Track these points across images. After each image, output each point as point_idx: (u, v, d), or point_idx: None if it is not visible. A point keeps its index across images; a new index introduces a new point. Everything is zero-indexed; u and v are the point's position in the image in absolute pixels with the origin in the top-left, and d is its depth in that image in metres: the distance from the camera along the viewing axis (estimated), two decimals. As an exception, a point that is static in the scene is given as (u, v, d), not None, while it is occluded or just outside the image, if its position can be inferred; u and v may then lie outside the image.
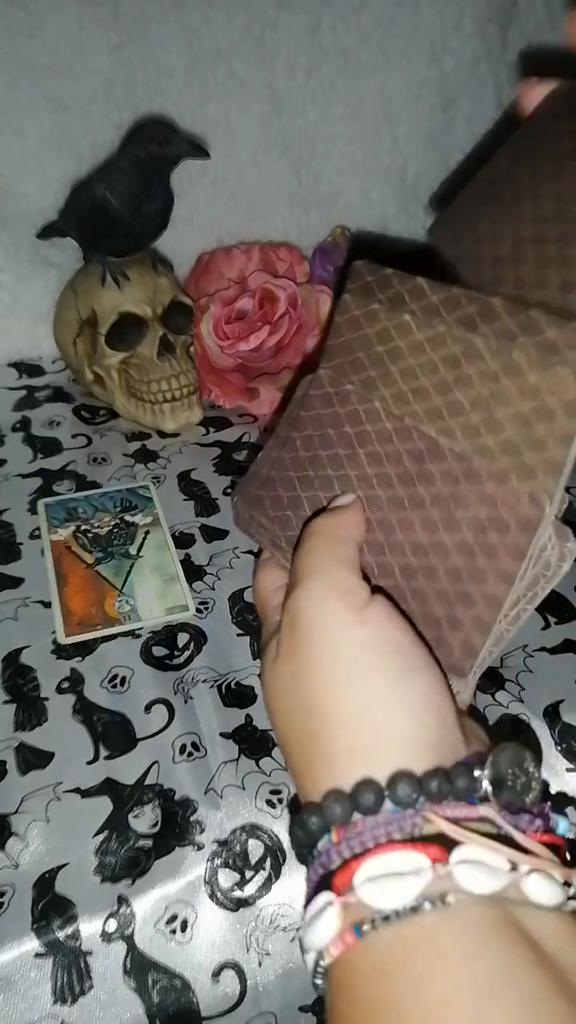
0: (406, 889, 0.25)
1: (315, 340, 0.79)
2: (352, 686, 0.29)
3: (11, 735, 0.50)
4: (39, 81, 0.79)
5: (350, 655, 0.29)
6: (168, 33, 0.82)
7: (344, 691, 0.29)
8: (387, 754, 0.28)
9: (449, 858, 0.25)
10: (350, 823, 0.27)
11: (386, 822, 0.27)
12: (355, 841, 0.27)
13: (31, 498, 0.68)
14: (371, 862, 0.26)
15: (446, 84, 0.92)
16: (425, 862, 0.25)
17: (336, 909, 0.26)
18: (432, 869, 0.25)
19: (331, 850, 0.27)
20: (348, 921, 0.25)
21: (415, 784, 0.27)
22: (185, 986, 0.42)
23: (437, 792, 0.27)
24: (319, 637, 0.30)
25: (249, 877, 0.44)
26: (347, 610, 0.30)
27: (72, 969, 0.41)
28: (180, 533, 0.65)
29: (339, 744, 0.29)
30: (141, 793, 0.46)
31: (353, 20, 0.87)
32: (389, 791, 0.27)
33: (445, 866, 0.25)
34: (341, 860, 0.27)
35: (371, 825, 0.27)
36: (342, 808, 0.27)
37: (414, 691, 0.29)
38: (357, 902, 0.25)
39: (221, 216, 0.90)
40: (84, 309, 0.76)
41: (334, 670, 0.29)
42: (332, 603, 0.30)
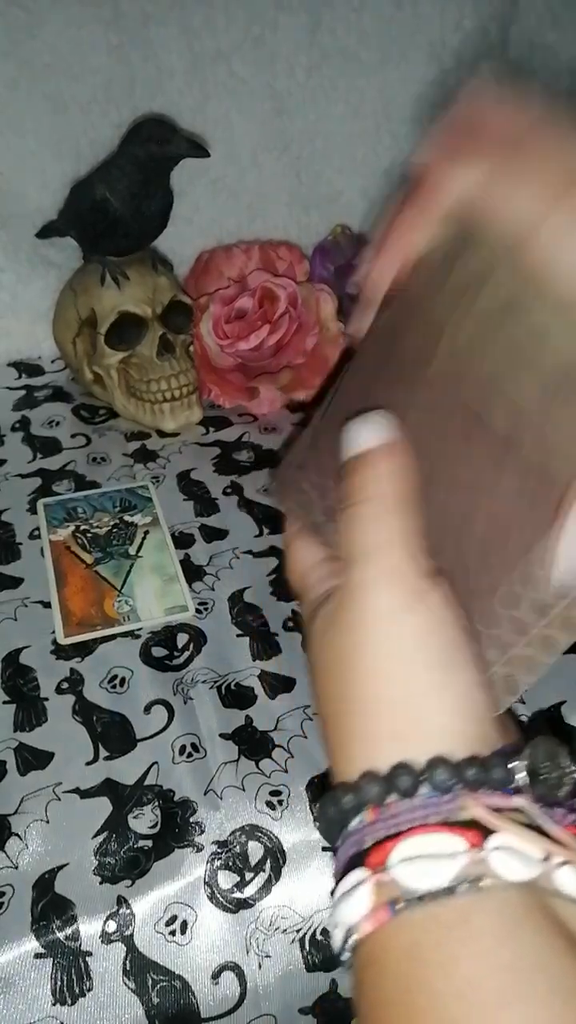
0: (442, 870, 0.25)
1: (315, 339, 0.79)
2: (400, 675, 0.29)
3: (11, 735, 0.49)
4: (39, 81, 0.79)
5: (403, 645, 0.29)
6: (168, 33, 0.82)
7: (391, 679, 0.29)
8: (427, 742, 0.28)
9: (484, 844, 0.25)
10: (384, 804, 0.27)
11: (423, 805, 0.27)
12: (391, 822, 0.27)
13: (30, 498, 0.68)
14: (407, 843, 0.26)
15: (446, 83, 0.92)
16: (461, 845, 0.25)
17: (370, 886, 0.26)
18: (468, 853, 0.25)
19: (365, 829, 0.27)
20: (382, 899, 0.25)
21: (452, 770, 0.27)
22: (185, 987, 0.42)
23: (474, 780, 0.27)
24: (374, 623, 0.29)
25: (249, 879, 0.44)
26: (406, 596, 0.29)
27: (72, 970, 0.41)
28: (180, 533, 0.65)
29: (381, 727, 0.29)
30: (141, 794, 0.46)
31: (353, 20, 0.87)
32: (427, 775, 0.27)
33: (480, 851, 0.25)
34: (375, 840, 0.27)
35: (407, 808, 0.27)
36: (378, 789, 0.27)
37: (459, 687, 0.29)
38: (391, 881, 0.25)
39: (221, 215, 0.90)
40: (84, 309, 0.76)
41: (383, 658, 0.29)
42: (392, 588, 0.29)
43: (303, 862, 0.44)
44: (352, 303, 0.83)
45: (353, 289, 0.83)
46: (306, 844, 0.45)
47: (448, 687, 0.29)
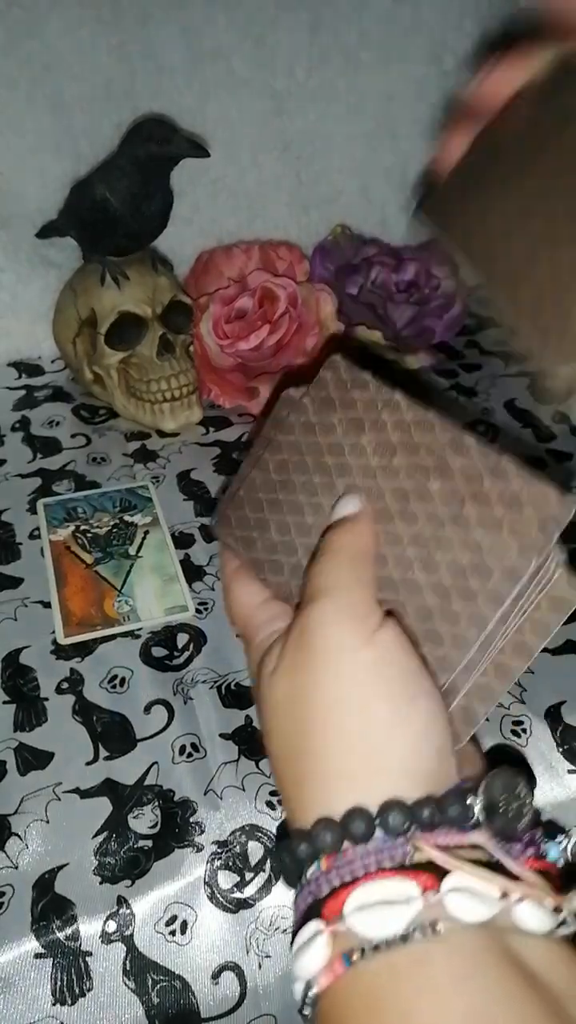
0: (396, 917, 0.24)
1: (315, 339, 0.79)
2: (354, 709, 0.29)
3: (11, 735, 0.49)
4: (39, 81, 0.79)
5: (356, 678, 0.29)
6: (168, 32, 0.81)
7: (346, 713, 0.29)
8: (381, 781, 0.28)
9: (440, 886, 0.25)
10: (340, 851, 0.27)
11: (376, 851, 0.26)
12: (345, 869, 0.27)
13: (30, 498, 0.68)
14: (361, 890, 0.26)
15: (447, 83, 0.92)
16: (415, 890, 0.25)
17: (325, 938, 0.25)
18: (422, 897, 0.25)
19: (320, 878, 0.27)
20: (337, 950, 0.25)
21: (407, 812, 0.27)
22: (185, 987, 0.42)
23: (428, 821, 0.27)
24: (326, 658, 0.29)
25: (249, 879, 0.44)
26: (359, 633, 0.30)
27: (72, 970, 0.41)
28: (180, 533, 0.65)
29: (333, 766, 0.28)
30: (141, 794, 0.46)
31: (354, 19, 0.87)
32: (380, 820, 0.27)
33: (436, 894, 0.25)
34: (330, 888, 0.26)
35: (361, 853, 0.27)
36: (332, 836, 0.27)
37: (416, 719, 0.29)
38: (347, 931, 0.25)
39: (221, 215, 0.90)
40: (83, 309, 0.76)
41: (337, 691, 0.29)
42: (345, 625, 0.30)
43: (303, 862, 0.44)
44: (352, 303, 0.83)
45: (353, 289, 0.83)
46: (306, 844, 0.45)
47: (405, 721, 0.28)
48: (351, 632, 0.30)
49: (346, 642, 0.29)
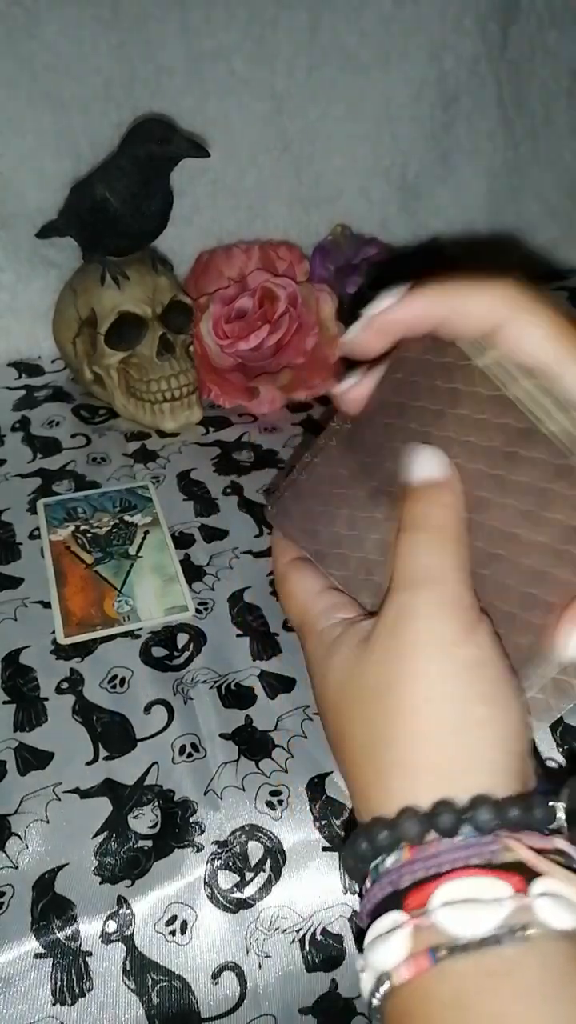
0: (486, 917, 0.24)
1: (315, 339, 0.79)
2: (452, 706, 0.28)
3: (11, 735, 0.49)
4: (39, 80, 0.79)
5: (457, 675, 0.28)
6: (168, 32, 0.81)
7: (442, 709, 0.28)
8: (471, 778, 0.27)
9: (529, 889, 0.24)
10: (423, 843, 0.26)
11: (465, 846, 0.26)
12: (431, 862, 0.26)
13: (30, 498, 0.68)
14: (449, 885, 0.25)
15: (447, 83, 0.92)
16: (506, 891, 0.24)
17: (408, 931, 0.25)
18: (513, 899, 0.24)
19: (402, 868, 0.26)
20: (422, 944, 0.24)
21: (496, 810, 0.26)
22: (185, 987, 0.42)
23: (517, 821, 0.26)
24: (428, 651, 0.28)
25: (249, 879, 0.44)
26: (461, 627, 0.29)
27: (72, 970, 0.41)
28: (180, 533, 0.65)
29: (424, 758, 0.28)
30: (141, 794, 0.46)
31: (354, 19, 0.87)
32: (469, 815, 0.26)
33: (525, 897, 0.24)
34: (413, 880, 0.26)
35: (448, 847, 0.26)
36: (418, 826, 0.26)
37: (510, 721, 0.28)
38: (431, 926, 0.24)
39: (221, 216, 0.90)
40: (83, 309, 0.76)
41: (436, 686, 0.28)
42: (446, 618, 0.29)
43: (303, 862, 0.44)
44: (352, 303, 0.83)
45: (353, 289, 0.83)
46: (306, 844, 0.45)
47: (495, 722, 0.28)
48: (453, 625, 0.29)
49: (447, 636, 0.28)
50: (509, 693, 0.29)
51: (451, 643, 0.28)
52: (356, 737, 0.30)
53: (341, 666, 0.31)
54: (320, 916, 0.44)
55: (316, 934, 0.44)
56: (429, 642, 0.29)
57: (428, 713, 0.28)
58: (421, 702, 0.28)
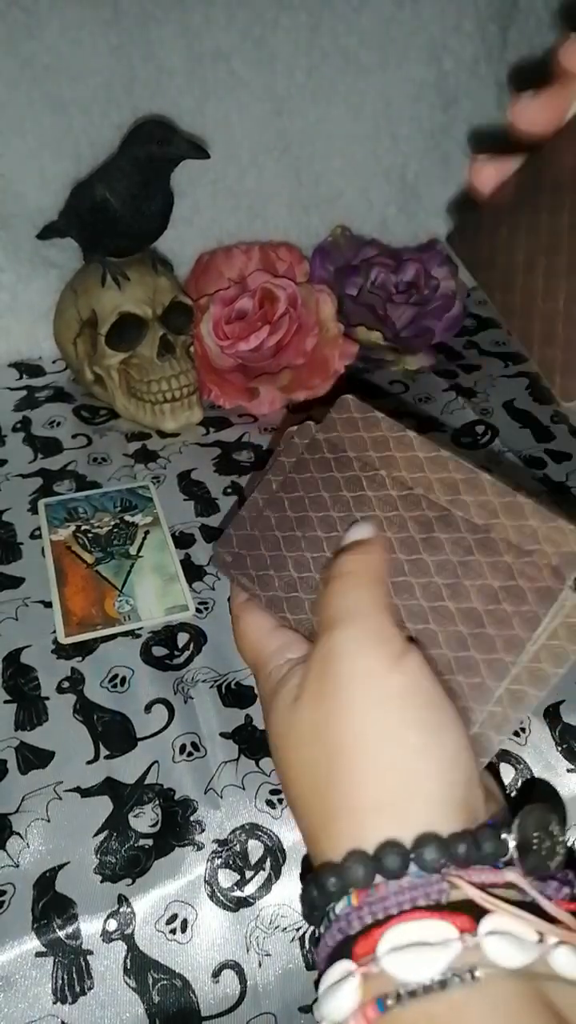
0: (433, 961, 0.23)
1: (315, 340, 0.79)
2: (385, 738, 0.28)
3: (11, 734, 0.50)
4: (39, 81, 0.79)
5: (386, 706, 0.28)
6: (168, 33, 0.82)
7: (377, 742, 0.28)
8: (414, 813, 0.27)
9: (478, 928, 0.24)
10: (372, 886, 0.26)
11: (411, 887, 0.25)
12: (378, 906, 0.25)
13: (31, 498, 0.68)
14: (395, 930, 0.25)
15: (446, 84, 0.92)
16: (453, 932, 0.24)
17: (357, 980, 0.24)
18: (460, 940, 0.24)
19: (351, 914, 0.26)
20: (370, 994, 0.24)
21: (443, 848, 0.25)
22: (185, 986, 0.42)
23: (464, 857, 0.25)
24: (355, 685, 0.28)
25: (249, 877, 0.44)
26: (386, 658, 0.29)
27: (72, 968, 0.41)
28: (180, 533, 0.65)
29: (365, 798, 0.27)
30: (141, 793, 0.46)
31: (353, 20, 0.87)
32: (415, 854, 0.26)
33: (474, 937, 0.24)
34: (362, 926, 0.25)
35: (395, 890, 0.25)
36: (365, 870, 0.26)
37: (446, 748, 0.28)
38: (380, 973, 0.24)
39: (221, 216, 0.90)
40: (84, 309, 0.76)
41: (368, 719, 0.28)
42: (371, 650, 0.29)
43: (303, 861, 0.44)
44: (352, 304, 0.83)
45: (353, 290, 0.83)
46: (306, 843, 0.45)
47: (434, 749, 0.27)
48: (377, 658, 0.29)
49: (373, 668, 0.29)
50: (444, 718, 0.28)
51: (376, 674, 0.29)
52: (300, 780, 0.30)
53: (281, 708, 0.31)
54: (320, 915, 0.44)
55: (316, 932, 0.44)
56: (354, 676, 0.29)
57: (363, 750, 0.28)
58: (355, 739, 0.28)
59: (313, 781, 0.29)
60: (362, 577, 0.32)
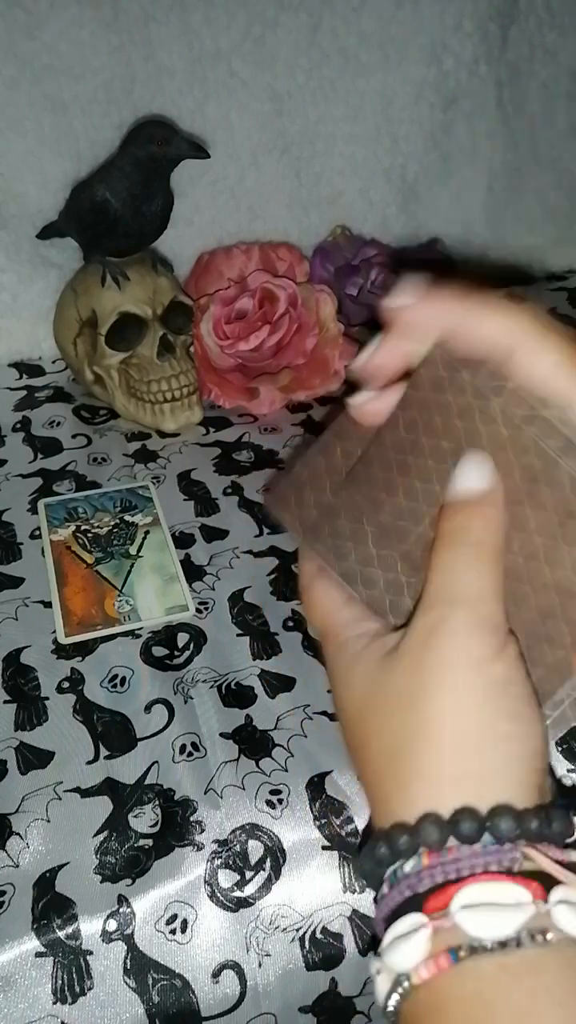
0: (507, 920, 0.24)
1: (315, 340, 0.79)
2: (478, 720, 0.28)
3: (11, 735, 0.50)
4: (39, 81, 0.79)
5: (483, 691, 0.29)
6: (168, 33, 0.82)
7: (468, 722, 0.28)
8: (492, 789, 0.27)
9: (548, 897, 0.25)
10: (444, 849, 0.27)
11: (484, 853, 0.26)
12: (451, 867, 0.26)
13: (31, 498, 0.68)
14: (470, 889, 0.25)
15: (446, 84, 0.92)
16: (526, 896, 0.25)
17: (428, 931, 0.25)
18: (533, 904, 0.24)
19: (422, 872, 0.27)
20: (442, 945, 0.25)
21: (517, 820, 0.26)
22: (185, 986, 0.42)
23: (536, 832, 0.26)
24: (459, 667, 0.29)
25: (249, 877, 0.44)
26: (491, 646, 0.29)
27: (72, 969, 0.41)
28: (180, 533, 0.65)
29: (449, 768, 0.28)
30: (141, 793, 0.46)
31: (353, 20, 0.87)
32: (491, 823, 0.26)
33: (545, 904, 0.25)
34: (432, 884, 0.26)
35: (468, 853, 0.26)
36: (439, 832, 0.27)
37: (532, 739, 0.29)
38: (452, 927, 0.25)
39: (221, 216, 0.90)
40: (84, 309, 0.76)
41: (464, 700, 0.29)
42: (478, 637, 0.29)
43: (303, 861, 0.44)
44: (352, 303, 0.83)
45: (353, 289, 0.83)
46: (306, 843, 0.45)
47: (518, 739, 0.28)
48: (485, 645, 0.29)
49: (480, 656, 0.29)
50: (533, 712, 0.29)
51: (481, 661, 0.29)
52: (378, 746, 0.30)
53: (365, 676, 0.31)
54: (320, 915, 0.44)
55: (316, 933, 0.44)
56: (460, 659, 0.29)
57: (453, 725, 0.28)
58: (447, 714, 0.29)
59: (394, 747, 0.30)
60: (484, 550, 0.30)
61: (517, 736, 0.28)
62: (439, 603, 0.30)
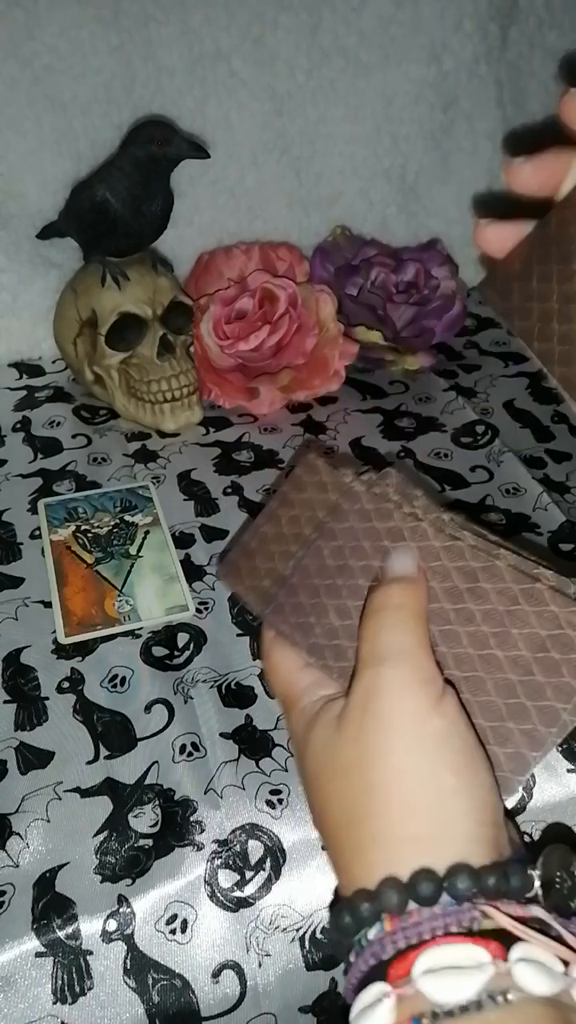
0: (468, 983, 0.24)
1: (315, 340, 0.79)
2: (424, 778, 0.29)
3: (11, 735, 0.50)
4: (39, 81, 0.79)
5: (426, 747, 0.29)
6: (168, 33, 0.82)
7: (415, 781, 0.29)
8: (447, 847, 0.28)
9: (508, 955, 0.25)
10: (405, 913, 0.27)
11: (444, 914, 0.26)
12: (412, 931, 0.26)
13: (31, 498, 0.68)
14: (430, 953, 0.25)
15: (446, 84, 0.92)
16: (486, 957, 0.25)
17: (392, 1001, 0.25)
18: (493, 964, 0.24)
19: (384, 939, 0.27)
20: (406, 1014, 0.25)
21: (474, 878, 0.26)
22: (185, 986, 0.42)
23: (494, 889, 0.26)
24: (398, 725, 0.30)
25: (249, 877, 0.44)
26: (428, 699, 0.30)
27: (72, 969, 0.41)
28: (180, 533, 0.65)
29: (400, 830, 0.28)
30: (141, 793, 0.46)
31: (353, 20, 0.87)
32: (448, 883, 0.27)
33: (505, 963, 0.25)
34: (395, 950, 0.26)
35: (428, 916, 0.26)
36: (399, 896, 0.27)
37: (480, 791, 0.29)
38: (415, 994, 0.25)
39: (221, 216, 0.90)
40: (84, 309, 0.76)
41: (408, 760, 0.29)
42: (415, 690, 0.30)
43: (303, 861, 0.44)
44: (352, 303, 0.83)
45: (353, 290, 0.83)
46: (306, 843, 0.45)
47: (465, 792, 0.29)
48: (419, 699, 0.30)
49: (417, 709, 0.30)
50: (477, 763, 0.30)
51: (418, 717, 0.29)
52: (334, 812, 0.31)
53: (318, 743, 0.32)
54: (320, 915, 0.44)
55: (316, 933, 0.44)
56: (397, 717, 0.30)
57: (401, 787, 0.29)
58: (393, 777, 0.29)
59: (348, 813, 0.30)
60: (405, 611, 0.32)
61: (462, 790, 0.29)
62: (368, 664, 0.31)
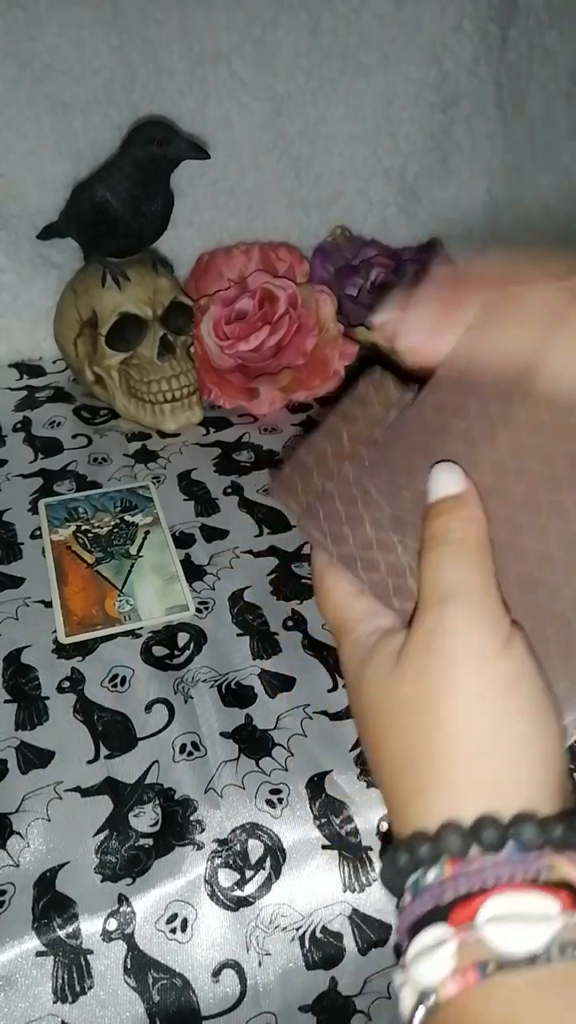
0: (536, 934, 0.24)
1: (315, 340, 0.79)
2: (492, 724, 0.28)
3: (12, 734, 0.50)
4: (39, 81, 0.80)
5: (495, 692, 0.28)
6: (168, 33, 0.82)
7: (483, 724, 0.28)
8: (512, 795, 0.27)
9: None
10: (466, 858, 0.26)
11: (508, 862, 0.25)
12: (475, 877, 0.26)
13: (32, 498, 0.68)
14: (496, 900, 0.25)
15: (446, 85, 0.92)
16: (554, 908, 0.24)
17: (454, 945, 0.24)
18: (561, 916, 0.24)
19: (445, 883, 0.26)
20: (469, 959, 0.24)
21: (541, 828, 0.26)
22: (185, 985, 0.42)
23: (561, 839, 0.26)
24: (465, 665, 0.28)
25: (249, 876, 0.44)
26: (496, 641, 0.28)
27: (73, 968, 0.41)
28: (180, 533, 0.65)
29: (464, 774, 0.27)
30: (141, 792, 0.46)
31: (353, 20, 0.87)
32: (513, 831, 0.26)
33: (573, 915, 0.24)
34: (456, 895, 0.25)
35: (492, 863, 0.26)
36: (461, 840, 0.26)
37: (548, 738, 0.28)
38: (478, 941, 0.24)
39: (221, 216, 0.90)
40: (84, 310, 0.76)
41: (474, 702, 0.28)
42: (483, 630, 0.28)
43: (303, 860, 0.44)
44: (352, 304, 0.84)
45: (353, 290, 0.83)
46: (306, 842, 0.45)
47: (534, 739, 0.28)
48: (487, 639, 0.28)
49: (484, 651, 0.28)
50: (547, 711, 0.28)
51: (487, 657, 0.28)
52: (392, 750, 0.30)
53: (376, 678, 0.31)
54: (320, 914, 0.44)
55: (316, 932, 0.44)
56: (464, 657, 0.28)
57: (466, 729, 0.28)
58: (459, 718, 0.28)
59: (407, 751, 0.29)
60: (470, 546, 0.30)
61: (532, 737, 0.28)
62: (432, 603, 0.30)
